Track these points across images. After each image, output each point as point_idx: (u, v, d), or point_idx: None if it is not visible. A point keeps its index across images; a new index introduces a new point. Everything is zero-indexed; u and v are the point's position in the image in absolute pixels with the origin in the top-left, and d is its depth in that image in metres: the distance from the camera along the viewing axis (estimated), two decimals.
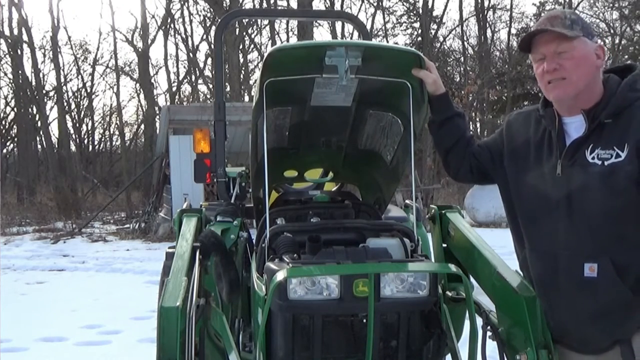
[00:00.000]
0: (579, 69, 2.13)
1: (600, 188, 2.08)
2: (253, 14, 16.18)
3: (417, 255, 2.51)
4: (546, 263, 2.23)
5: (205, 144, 3.88)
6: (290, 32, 26.92)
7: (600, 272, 2.09)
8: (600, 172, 2.08)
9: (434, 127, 2.59)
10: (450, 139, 2.56)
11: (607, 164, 2.07)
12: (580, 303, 2.15)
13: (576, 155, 2.15)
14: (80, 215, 18.20)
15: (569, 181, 2.15)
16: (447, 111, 2.53)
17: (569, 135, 2.20)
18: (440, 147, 2.63)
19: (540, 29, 2.17)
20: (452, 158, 2.59)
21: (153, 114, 24.57)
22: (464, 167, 2.57)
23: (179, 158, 14.12)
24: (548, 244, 2.21)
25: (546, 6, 28.17)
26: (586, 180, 2.10)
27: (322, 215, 3.00)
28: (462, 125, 2.57)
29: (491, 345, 2.42)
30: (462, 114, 2.60)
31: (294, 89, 2.66)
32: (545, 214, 2.22)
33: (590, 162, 2.11)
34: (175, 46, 31.46)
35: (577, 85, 2.14)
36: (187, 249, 2.67)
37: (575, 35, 2.12)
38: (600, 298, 2.10)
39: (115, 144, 35.69)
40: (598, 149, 2.10)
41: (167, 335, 2.11)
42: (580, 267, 2.11)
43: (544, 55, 2.18)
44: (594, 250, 2.10)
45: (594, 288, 2.10)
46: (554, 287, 2.20)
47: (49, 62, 30.17)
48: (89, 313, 7.10)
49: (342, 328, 2.29)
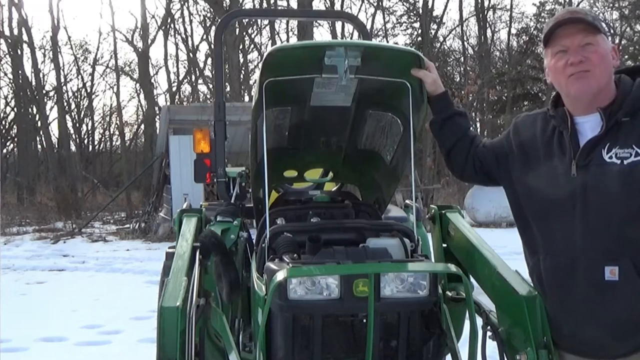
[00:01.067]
0: (603, 63, 2.10)
1: (620, 187, 2.03)
2: (253, 14, 16.21)
3: (417, 255, 2.51)
4: (562, 267, 2.15)
5: (205, 144, 3.88)
6: (290, 32, 26.98)
7: (621, 275, 2.02)
8: (619, 172, 2.03)
9: (436, 127, 2.56)
10: (452, 138, 2.53)
11: (626, 163, 2.03)
12: (600, 308, 2.07)
13: (592, 155, 2.09)
14: (80, 215, 18.20)
15: (584, 182, 2.09)
16: (448, 110, 2.51)
17: (582, 135, 2.14)
18: (443, 147, 2.61)
19: (571, 17, 2.11)
20: (455, 157, 2.56)
21: (153, 114, 24.58)
22: (469, 167, 2.53)
23: (179, 158, 14.12)
24: (564, 248, 2.14)
25: (546, 6, 28.22)
26: (604, 180, 2.05)
27: (322, 215, 3.00)
28: (463, 124, 2.54)
29: (491, 345, 2.42)
30: (464, 113, 2.58)
31: (293, 89, 2.66)
32: (560, 216, 2.15)
33: (607, 161, 2.06)
34: (175, 46, 31.51)
35: (600, 79, 2.10)
36: (187, 249, 2.67)
37: (602, 28, 2.11)
38: (622, 302, 2.03)
39: (115, 144, 35.74)
40: (616, 147, 2.05)
41: (167, 335, 2.12)
42: (601, 270, 2.05)
43: (567, 47, 2.11)
44: (614, 253, 2.04)
45: (615, 292, 2.03)
46: (570, 293, 2.12)
47: (49, 62, 30.19)
48: (89, 313, 7.11)
49: (342, 328, 2.29)
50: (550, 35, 2.15)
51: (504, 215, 14.12)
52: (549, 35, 2.15)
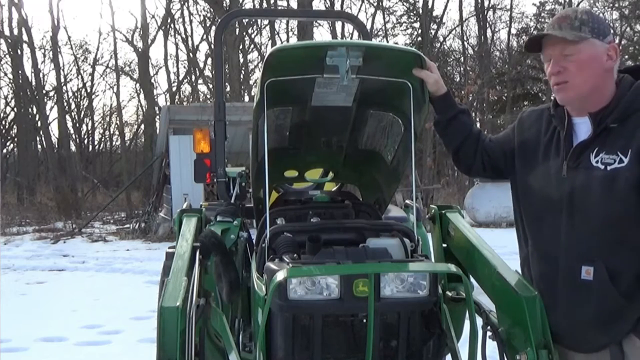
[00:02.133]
0: (583, 72, 2.11)
1: (601, 192, 2.07)
2: (253, 14, 16.19)
3: (417, 255, 2.51)
4: (547, 264, 2.24)
5: (205, 144, 3.89)
6: (290, 32, 26.95)
7: (595, 275, 2.09)
8: (602, 177, 2.07)
9: (441, 127, 2.57)
10: (459, 136, 2.53)
11: (609, 169, 2.06)
12: (576, 305, 2.16)
13: (581, 157, 2.14)
14: (80, 215, 18.19)
15: (572, 182, 2.14)
16: (452, 110, 2.52)
17: (577, 136, 2.19)
18: (449, 146, 2.61)
19: (543, 34, 2.17)
20: (462, 155, 2.57)
21: (153, 114, 24.56)
22: (477, 163, 2.55)
23: (179, 158, 14.12)
24: (549, 245, 2.22)
25: (546, 6, 28.21)
26: (588, 183, 2.10)
27: (322, 215, 3.00)
28: (468, 122, 2.55)
29: (491, 345, 2.42)
30: (467, 111, 2.59)
31: (294, 89, 2.66)
32: (549, 214, 2.22)
33: (594, 165, 2.10)
34: (175, 46, 31.50)
35: (580, 89, 2.13)
36: (187, 249, 2.67)
37: (581, 38, 2.10)
38: (594, 301, 2.11)
39: (115, 144, 35.72)
40: (602, 153, 2.09)
41: (167, 335, 2.12)
42: (578, 269, 2.13)
43: (550, 56, 2.17)
44: (591, 254, 2.11)
45: (589, 291, 2.11)
46: (552, 288, 2.22)
47: (49, 62, 30.18)
48: (89, 313, 7.11)
49: (342, 328, 2.29)
50: (540, 42, 2.20)
51: (504, 215, 14.13)
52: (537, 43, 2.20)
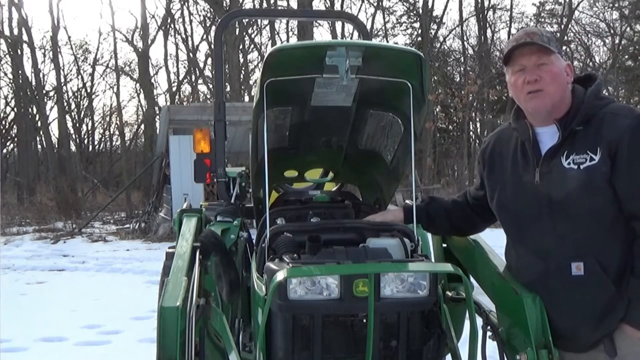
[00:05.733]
0: (556, 81, 2.27)
1: (579, 190, 2.19)
2: (253, 14, 16.21)
3: (417, 255, 2.50)
4: (536, 268, 2.30)
5: (205, 144, 3.88)
6: (290, 32, 26.97)
7: (585, 269, 2.20)
8: (577, 176, 2.20)
9: (426, 223, 2.74)
10: (445, 216, 2.75)
11: (582, 168, 2.20)
12: (569, 301, 2.23)
13: (553, 162, 2.27)
14: (80, 215, 18.18)
15: (548, 187, 2.27)
16: (421, 211, 2.70)
17: (543, 144, 2.33)
18: (444, 228, 2.81)
19: (525, 41, 2.28)
20: (463, 225, 2.75)
21: (153, 114, 24.57)
22: (478, 220, 2.71)
23: (179, 158, 14.13)
24: (536, 250, 2.31)
25: (546, 6, 28.22)
26: (565, 184, 2.22)
27: (322, 215, 3.00)
28: (441, 202, 2.79)
29: (491, 345, 2.43)
30: (430, 198, 2.84)
31: (294, 89, 2.66)
32: (530, 222, 2.32)
33: (566, 167, 2.23)
34: (175, 46, 31.54)
35: (553, 97, 2.28)
36: (187, 249, 2.67)
37: (555, 49, 2.28)
38: (587, 294, 2.20)
39: (115, 144, 35.75)
40: (573, 154, 2.23)
41: (167, 335, 2.12)
42: (568, 266, 2.22)
43: (524, 66, 2.29)
44: (579, 251, 2.21)
45: (582, 286, 2.20)
46: (544, 289, 2.27)
47: (49, 62, 30.22)
48: (89, 313, 7.10)
49: (342, 328, 2.29)
50: (510, 55, 2.33)
51: None
52: (509, 55, 2.33)
